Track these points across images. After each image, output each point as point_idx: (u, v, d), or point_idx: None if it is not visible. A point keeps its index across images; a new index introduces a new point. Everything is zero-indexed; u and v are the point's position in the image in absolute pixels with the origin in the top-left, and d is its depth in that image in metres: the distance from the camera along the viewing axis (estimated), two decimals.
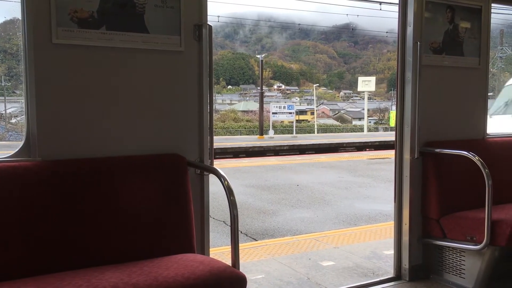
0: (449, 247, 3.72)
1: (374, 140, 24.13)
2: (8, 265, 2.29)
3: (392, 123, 32.77)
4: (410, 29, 3.70)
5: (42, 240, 2.37)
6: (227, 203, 2.47)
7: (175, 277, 2.21)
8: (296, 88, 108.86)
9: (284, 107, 29.06)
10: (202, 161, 2.97)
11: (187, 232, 2.74)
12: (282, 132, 34.90)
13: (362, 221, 6.74)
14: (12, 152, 2.53)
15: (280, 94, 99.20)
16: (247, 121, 47.41)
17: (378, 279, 3.92)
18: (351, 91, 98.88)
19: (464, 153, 3.54)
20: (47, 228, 2.39)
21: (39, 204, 2.39)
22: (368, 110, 41.90)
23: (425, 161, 3.78)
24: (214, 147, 3.07)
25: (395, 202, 3.88)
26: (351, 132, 41.06)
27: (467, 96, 4.06)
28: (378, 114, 69.95)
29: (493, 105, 9.99)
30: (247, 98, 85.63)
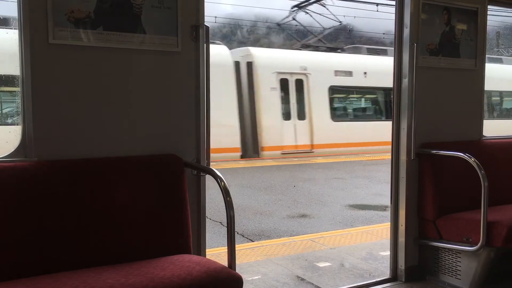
0: (445, 248, 3.72)
1: None
2: (4, 265, 2.28)
3: None
4: (406, 31, 3.71)
5: (38, 241, 2.37)
6: (224, 204, 2.47)
7: (172, 278, 2.21)
8: None
9: None
10: (199, 161, 2.97)
11: (183, 233, 2.73)
12: None
13: (358, 222, 6.75)
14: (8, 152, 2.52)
15: None
16: None
17: (374, 280, 3.93)
18: None
19: (460, 154, 3.54)
20: (43, 229, 2.38)
21: (35, 205, 2.39)
22: None
23: (422, 162, 3.79)
24: None
25: (391, 203, 3.88)
26: None
27: (463, 98, 4.08)
28: None
29: None
30: None
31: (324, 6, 18.63)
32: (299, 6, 18.74)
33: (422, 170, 3.79)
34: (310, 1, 18.32)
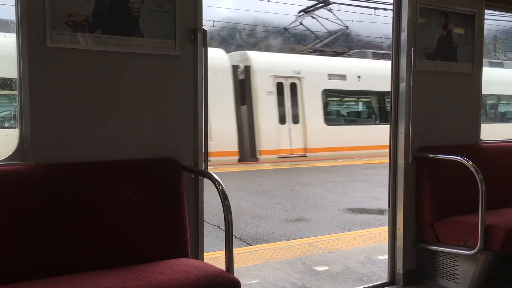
0: (443, 252, 3.72)
1: None
2: (1, 269, 2.27)
3: None
4: (404, 35, 3.72)
5: (35, 244, 2.36)
6: (221, 208, 2.47)
7: (169, 282, 2.20)
8: None
9: None
10: (197, 165, 2.97)
11: (181, 236, 2.73)
12: None
13: (356, 226, 6.75)
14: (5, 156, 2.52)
15: None
16: None
17: (372, 284, 3.92)
18: None
19: (458, 158, 3.55)
20: (40, 233, 2.38)
21: (32, 208, 2.38)
22: None
23: (419, 166, 3.79)
24: None
25: (389, 207, 3.88)
26: None
27: (460, 101, 4.09)
28: None
29: None
30: None
31: (330, 11, 18.78)
32: (306, 11, 18.83)
33: (420, 173, 3.80)
34: (317, 6, 18.44)
